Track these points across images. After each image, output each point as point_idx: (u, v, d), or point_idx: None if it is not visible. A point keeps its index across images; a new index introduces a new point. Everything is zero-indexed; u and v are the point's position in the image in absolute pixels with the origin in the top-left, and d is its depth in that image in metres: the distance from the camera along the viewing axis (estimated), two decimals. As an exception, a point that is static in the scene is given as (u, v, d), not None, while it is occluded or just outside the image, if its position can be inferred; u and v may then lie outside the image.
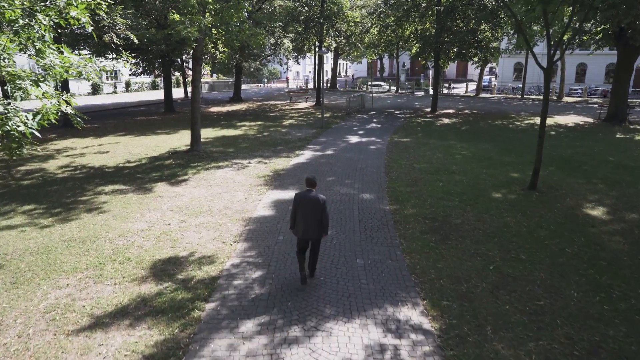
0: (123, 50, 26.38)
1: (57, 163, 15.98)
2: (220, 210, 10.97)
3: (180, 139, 20.29)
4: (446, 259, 8.40)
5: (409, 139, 20.63)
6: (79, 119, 7.55)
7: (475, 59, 29.47)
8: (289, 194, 12.13)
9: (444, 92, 48.74)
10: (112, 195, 12.11)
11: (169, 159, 16.38)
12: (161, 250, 8.73)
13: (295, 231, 7.33)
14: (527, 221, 10.38)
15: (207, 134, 22.01)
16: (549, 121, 26.98)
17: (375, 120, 27.26)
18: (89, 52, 26.41)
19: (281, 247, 8.89)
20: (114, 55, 23.40)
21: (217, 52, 17.27)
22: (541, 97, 43.61)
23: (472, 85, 58.84)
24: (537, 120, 27.45)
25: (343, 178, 13.82)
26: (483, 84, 58.67)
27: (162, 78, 32.47)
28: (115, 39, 19.40)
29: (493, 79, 65.72)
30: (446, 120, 27.10)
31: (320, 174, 14.18)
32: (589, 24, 24.38)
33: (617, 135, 22.12)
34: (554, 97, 42.56)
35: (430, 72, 58.93)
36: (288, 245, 8.92)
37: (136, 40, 19.37)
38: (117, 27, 20.40)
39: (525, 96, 44.10)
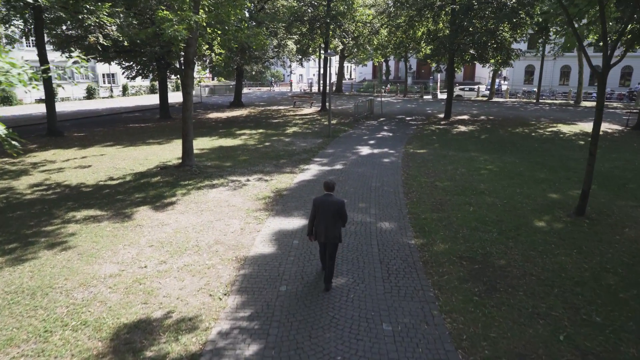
0: (115, 53, 24.71)
1: (29, 180, 14.08)
2: (210, 246, 9.03)
3: (173, 151, 18.38)
4: (499, 324, 6.42)
5: (426, 150, 18.65)
6: (14, 142, 5.62)
7: (492, 61, 27.44)
8: (293, 223, 10.19)
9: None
10: (83, 224, 10.18)
11: (157, 175, 14.45)
12: (130, 308, 6.78)
13: (312, 237, 7.43)
14: (587, 262, 8.40)
15: (202, 144, 20.11)
16: (574, 129, 24.98)
17: (385, 127, 25.29)
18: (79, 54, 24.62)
19: (284, 302, 6.95)
20: (100, 58, 21.53)
21: (213, 54, 15.34)
22: (557, 102, 41.62)
23: (481, 89, 56.77)
24: (561, 127, 25.46)
25: (356, 200, 11.85)
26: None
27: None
28: (101, 39, 17.52)
29: (503, 82, 63.69)
30: (462, 128, 25.10)
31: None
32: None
33: (655, 146, 20.09)
34: (572, 102, 40.54)
35: (439, 76, 57.00)
36: (292, 299, 6.98)
37: (125, 42, 17.50)
38: (105, 28, 18.58)
39: (540, 100, 41.98)
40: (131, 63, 26.98)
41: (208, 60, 27.41)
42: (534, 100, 41.76)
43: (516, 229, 9.93)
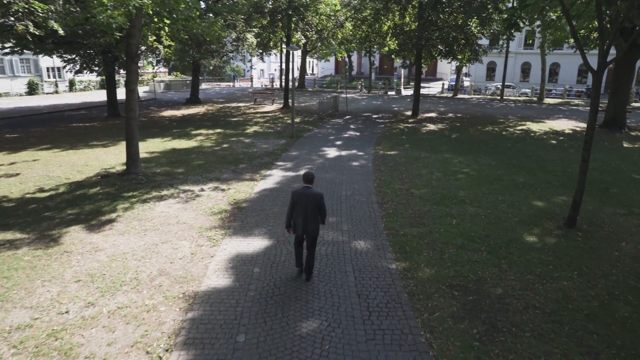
0: (53, 44, 22.22)
1: (-62, 194, 11.91)
2: (152, 279, 7.42)
3: (119, 155, 16.40)
4: (510, 381, 5.20)
5: (396, 152, 17.49)
6: None
7: (460, 57, 26.66)
8: (254, 245, 8.70)
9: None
10: (-6, 253, 8.32)
11: (96, 185, 12.56)
12: (36, 379, 5.14)
13: (290, 229, 7.31)
14: (592, 286, 7.36)
15: (153, 146, 18.19)
16: (543, 127, 24.57)
17: (352, 126, 24.02)
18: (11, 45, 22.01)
19: (242, 358, 5.48)
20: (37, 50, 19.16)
21: (161, 46, 13.55)
22: (521, 99, 41.67)
23: (441, 85, 56.65)
24: (530, 125, 25.00)
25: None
26: (453, 83, 56.81)
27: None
28: (31, 28, 15.31)
29: (465, 79, 63.95)
30: (431, 127, 24.17)
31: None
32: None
33: (625, 145, 19.76)
34: (534, 99, 40.69)
35: (402, 71, 56.47)
36: (253, 354, 5.52)
37: (61, 31, 15.36)
38: (37, 15, 16.30)
39: (504, 97, 41.93)
40: (73, 56, 24.45)
41: (157, 54, 25.18)
42: (499, 97, 41.66)
43: (507, 246, 8.83)
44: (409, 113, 29.35)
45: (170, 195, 11.70)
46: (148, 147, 17.95)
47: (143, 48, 24.77)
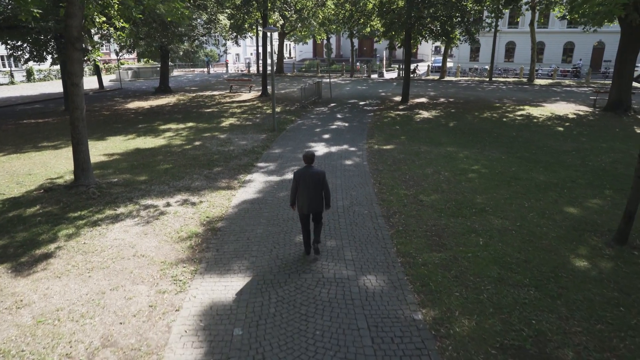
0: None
1: None
2: (92, 354, 5.30)
3: (71, 160, 13.83)
4: None
5: (393, 146, 15.48)
6: None
7: (456, 35, 24.60)
8: (233, 287, 6.65)
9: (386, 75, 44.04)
10: None
11: (37, 203, 10.22)
12: None
13: (296, 207, 7.31)
14: (685, 338, 5.54)
15: (114, 146, 15.76)
16: (543, 111, 22.88)
17: (339, 115, 21.87)
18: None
19: None
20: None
21: (112, 29, 11.16)
22: (510, 80, 39.99)
23: (425, 67, 54.72)
24: (530, 110, 23.27)
25: (322, 235, 8.42)
26: (437, 64, 54.88)
27: (65, 67, 25.01)
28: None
29: (448, 60, 62.07)
30: (425, 114, 22.21)
31: (282, 228, 8.72)
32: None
33: (638, 131, 18.17)
34: (524, 80, 39.08)
35: (384, 53, 54.32)
36: None
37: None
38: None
39: (492, 79, 40.21)
40: (20, 42, 21.53)
41: (104, 37, 22.32)
42: (487, 79, 39.93)
43: (555, 277, 6.95)
44: (397, 99, 27.30)
45: (128, 214, 9.46)
46: (107, 147, 15.52)
47: (95, 33, 22.02)
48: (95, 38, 25.75)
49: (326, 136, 17.12)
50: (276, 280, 6.88)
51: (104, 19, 11.17)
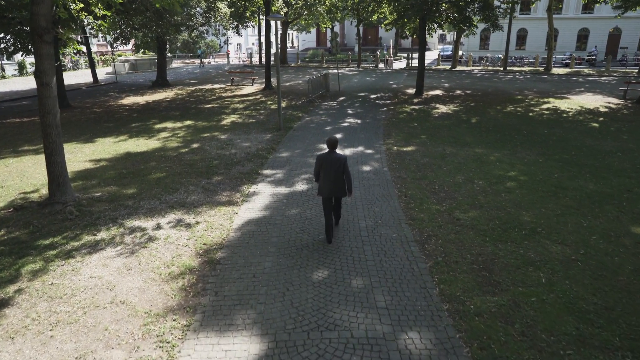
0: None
1: None
2: None
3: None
4: None
5: (414, 147, 13.84)
6: None
7: (476, 21, 22.75)
8: (238, 351, 5.08)
9: (385, 67, 42.17)
10: None
11: (2, 225, 8.64)
12: None
13: (319, 190, 7.44)
14: None
15: (102, 150, 14.16)
16: (570, 104, 21.12)
17: (350, 111, 20.17)
18: None
19: None
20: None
21: (91, 17, 9.54)
22: (525, 69, 38.06)
23: (432, 55, 52.76)
24: (556, 103, 21.52)
25: (342, 273, 6.83)
26: (445, 53, 52.83)
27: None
28: None
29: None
30: (443, 108, 20.49)
31: (295, 260, 7.13)
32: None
33: (683, 127, 16.44)
34: (540, 69, 37.15)
35: (391, 41, 52.37)
36: None
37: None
38: None
39: (507, 68, 38.26)
40: (3, 34, 19.86)
41: (81, 27, 20.48)
42: (501, 68, 37.99)
43: (653, 335, 5.36)
44: (411, 91, 25.54)
45: (110, 241, 7.89)
46: (95, 151, 13.94)
47: (86, 23, 20.31)
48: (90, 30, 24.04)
49: (338, 136, 15.45)
50: (292, 341, 5.31)
51: (82, 5, 9.50)
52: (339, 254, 7.30)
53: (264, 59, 37.43)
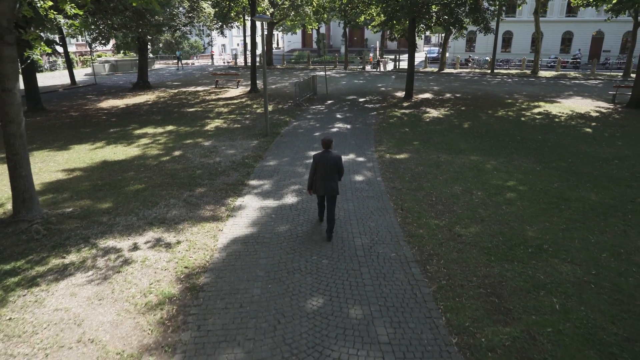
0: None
1: None
2: None
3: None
4: None
5: (407, 154, 13.29)
6: None
7: (467, 23, 22.36)
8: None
9: (381, 69, 41.80)
10: None
11: (-39, 247, 7.82)
12: None
13: (312, 191, 7.74)
14: None
15: (77, 158, 13.30)
16: (561, 109, 20.86)
17: (339, 115, 19.56)
18: None
19: None
20: None
21: (61, 17, 8.77)
22: (512, 72, 37.96)
23: (419, 57, 52.63)
24: (546, 107, 21.25)
25: (338, 301, 6.21)
26: (432, 55, 52.65)
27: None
28: None
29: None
30: (434, 112, 20.02)
31: (287, 287, 6.48)
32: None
33: (676, 131, 16.23)
34: (527, 72, 37.08)
35: (378, 43, 52.05)
36: None
37: None
38: None
39: (494, 71, 38.09)
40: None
41: (49, 27, 19.47)
42: (489, 71, 37.82)
43: (684, 372, 4.85)
44: (400, 94, 25.05)
45: (80, 265, 7.13)
46: (68, 160, 13.07)
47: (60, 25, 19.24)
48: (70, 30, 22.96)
49: (327, 142, 14.82)
50: (285, 391, 4.66)
51: (50, 3, 8.71)
52: (334, 278, 6.68)
53: (249, 61, 36.61)
